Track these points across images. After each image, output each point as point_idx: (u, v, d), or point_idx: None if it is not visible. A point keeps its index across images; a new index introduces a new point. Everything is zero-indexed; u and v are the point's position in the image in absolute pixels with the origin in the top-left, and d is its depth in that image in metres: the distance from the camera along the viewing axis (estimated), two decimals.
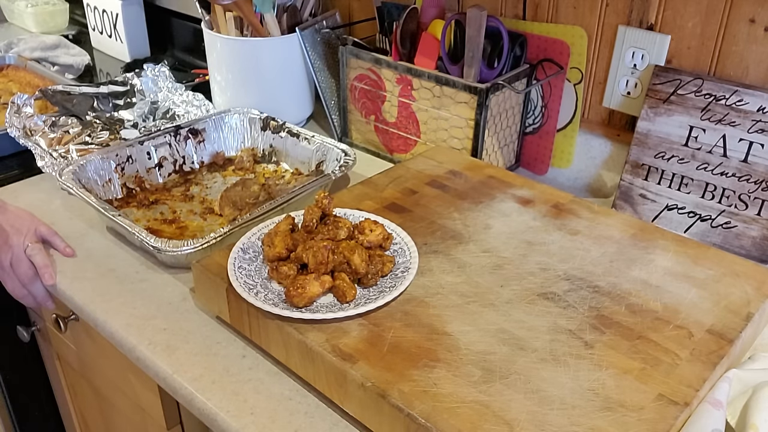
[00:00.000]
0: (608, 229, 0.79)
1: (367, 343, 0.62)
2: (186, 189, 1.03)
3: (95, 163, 0.96)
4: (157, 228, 0.92)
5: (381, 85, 1.09)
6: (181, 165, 1.06)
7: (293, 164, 1.08)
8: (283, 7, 1.15)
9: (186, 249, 0.80)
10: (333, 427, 0.63)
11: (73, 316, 0.93)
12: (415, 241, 0.76)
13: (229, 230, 0.82)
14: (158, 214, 0.96)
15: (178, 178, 1.05)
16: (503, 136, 1.05)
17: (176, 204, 0.99)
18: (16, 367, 1.16)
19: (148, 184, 1.02)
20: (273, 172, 1.08)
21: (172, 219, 0.95)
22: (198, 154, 1.08)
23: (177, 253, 0.80)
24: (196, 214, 0.96)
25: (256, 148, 1.11)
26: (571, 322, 0.65)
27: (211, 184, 1.05)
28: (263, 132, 1.11)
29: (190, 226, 0.93)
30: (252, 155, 1.10)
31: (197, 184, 1.05)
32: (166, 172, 1.05)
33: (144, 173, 1.02)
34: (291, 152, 1.08)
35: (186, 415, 0.84)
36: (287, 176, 1.06)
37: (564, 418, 0.54)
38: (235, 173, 1.08)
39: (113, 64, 1.54)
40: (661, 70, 0.91)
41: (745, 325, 0.64)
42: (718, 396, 0.58)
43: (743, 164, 0.87)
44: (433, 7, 1.05)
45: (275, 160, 1.10)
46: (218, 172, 1.08)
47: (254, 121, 1.11)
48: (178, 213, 0.96)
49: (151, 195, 1.00)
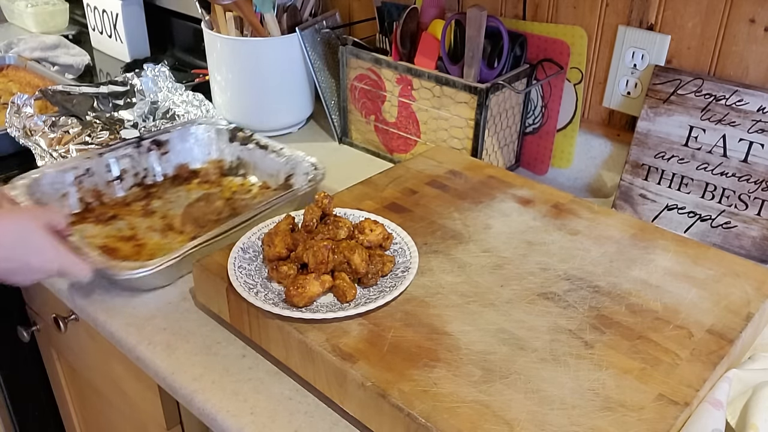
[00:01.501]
0: (608, 229, 0.79)
1: (367, 343, 0.62)
2: (147, 203, 0.98)
3: (50, 176, 0.92)
4: (114, 246, 0.88)
5: (381, 85, 1.09)
6: (143, 178, 1.02)
7: (261, 177, 1.03)
8: (283, 7, 1.15)
9: (139, 272, 0.75)
10: (333, 426, 0.63)
11: (73, 316, 0.93)
12: (415, 241, 0.76)
13: (185, 252, 0.78)
14: (116, 231, 0.91)
15: (140, 191, 1.00)
16: (503, 136, 1.05)
17: (135, 220, 0.94)
18: (16, 367, 1.16)
19: (107, 198, 0.97)
20: (240, 186, 1.03)
21: (129, 236, 0.90)
22: (162, 166, 1.03)
23: (129, 277, 0.75)
24: (155, 231, 0.91)
25: (224, 160, 1.07)
26: (571, 322, 0.65)
27: (174, 198, 0.99)
28: (231, 143, 1.06)
29: (149, 244, 0.89)
30: (219, 167, 1.06)
31: (159, 198, 0.99)
32: (127, 186, 1.00)
33: (103, 186, 0.97)
34: (259, 165, 1.03)
35: (186, 415, 0.84)
36: (254, 190, 1.01)
37: (564, 418, 0.54)
38: (200, 187, 1.03)
39: (113, 64, 1.54)
40: (661, 70, 0.91)
41: (745, 325, 0.64)
42: (718, 396, 0.58)
43: (743, 164, 0.87)
44: (433, 7, 1.05)
45: (243, 172, 1.05)
46: (182, 186, 1.03)
47: (222, 132, 1.07)
48: (136, 229, 0.92)
49: (110, 210, 0.95)
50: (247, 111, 1.18)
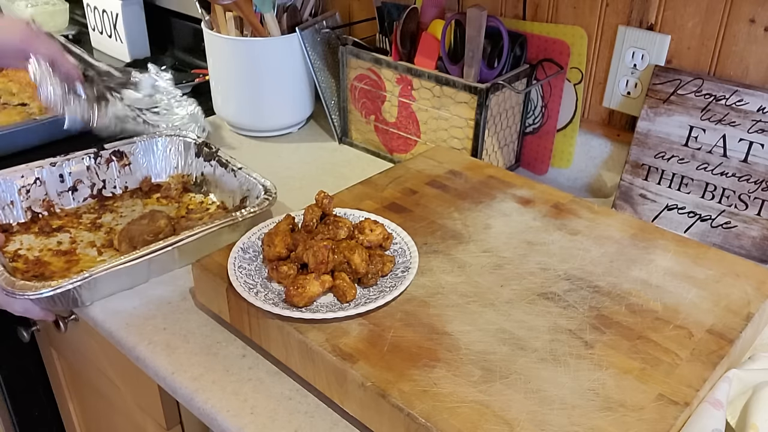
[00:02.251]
0: (608, 229, 0.79)
1: (367, 343, 0.62)
2: (98, 217, 0.95)
3: None
4: (46, 260, 0.85)
5: (381, 85, 1.09)
6: (100, 189, 0.98)
7: (221, 196, 0.99)
8: (283, 7, 1.15)
9: (30, 294, 0.72)
10: (333, 426, 0.63)
11: (73, 316, 0.93)
12: (415, 241, 0.76)
13: (83, 279, 0.73)
14: (55, 244, 0.89)
15: (95, 203, 0.97)
16: (503, 136, 1.05)
17: (80, 233, 0.91)
18: (16, 367, 1.16)
19: (58, 209, 0.95)
20: (199, 204, 0.99)
21: (67, 250, 0.87)
22: (122, 178, 1.00)
23: (23, 297, 0.72)
24: (95, 247, 0.88)
25: (189, 175, 1.02)
26: (571, 322, 0.65)
27: (128, 213, 0.96)
28: (197, 158, 1.02)
29: (83, 260, 0.85)
30: (183, 183, 1.02)
31: (113, 211, 0.96)
32: (81, 197, 0.97)
33: (55, 197, 0.94)
34: (220, 183, 0.99)
35: (186, 415, 0.84)
36: (212, 209, 0.97)
37: (564, 417, 0.54)
38: (160, 202, 0.99)
39: (113, 64, 1.54)
40: (661, 70, 0.91)
41: (745, 325, 0.64)
42: (718, 396, 0.58)
43: (743, 164, 0.87)
44: (433, 7, 1.05)
45: (205, 189, 1.01)
46: (141, 200, 0.99)
47: (189, 146, 1.03)
48: (77, 244, 0.89)
49: (58, 221, 0.93)
50: (247, 111, 1.18)
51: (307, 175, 1.09)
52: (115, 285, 0.79)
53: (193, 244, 0.81)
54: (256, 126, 1.20)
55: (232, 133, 1.23)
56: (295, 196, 1.02)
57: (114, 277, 0.77)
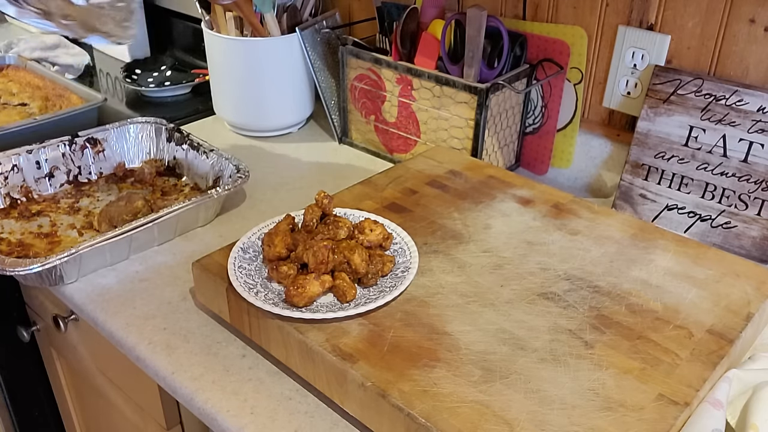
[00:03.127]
0: (608, 229, 0.79)
1: (367, 343, 0.62)
2: (75, 201, 0.98)
3: None
4: (29, 242, 0.89)
5: (381, 85, 1.09)
6: (75, 176, 1.02)
7: (194, 179, 1.03)
8: (283, 7, 1.15)
9: (18, 270, 0.75)
10: (333, 426, 0.63)
11: (73, 316, 0.93)
12: (415, 241, 0.76)
13: (69, 254, 0.77)
14: (36, 227, 0.92)
15: (71, 189, 1.01)
16: (503, 136, 1.05)
17: (60, 217, 0.94)
18: (16, 367, 1.16)
19: (36, 195, 0.98)
20: (173, 186, 1.02)
21: (48, 233, 0.91)
22: (97, 164, 1.03)
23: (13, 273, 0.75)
24: (75, 229, 0.92)
25: (161, 160, 1.06)
26: (571, 322, 0.65)
27: (104, 197, 1.00)
28: (169, 143, 1.06)
29: (64, 241, 0.89)
30: (155, 167, 1.05)
31: (89, 196, 1.00)
32: (57, 183, 1.00)
33: (32, 183, 0.98)
34: (192, 166, 1.03)
35: (186, 415, 0.84)
36: (186, 191, 1.01)
37: (564, 417, 0.54)
38: (134, 186, 1.03)
39: (113, 64, 1.54)
40: (661, 70, 0.91)
41: (745, 325, 0.64)
42: (718, 396, 0.58)
43: (743, 164, 0.87)
44: (433, 7, 1.05)
45: (179, 173, 1.05)
46: (116, 185, 1.03)
47: (161, 132, 1.06)
48: (57, 226, 0.92)
49: (37, 206, 0.96)
50: (247, 111, 1.18)
51: (307, 175, 1.09)
52: (98, 261, 0.84)
53: (171, 220, 0.86)
54: (256, 126, 1.20)
55: (232, 133, 1.23)
56: (295, 196, 1.02)
57: (98, 254, 0.82)
